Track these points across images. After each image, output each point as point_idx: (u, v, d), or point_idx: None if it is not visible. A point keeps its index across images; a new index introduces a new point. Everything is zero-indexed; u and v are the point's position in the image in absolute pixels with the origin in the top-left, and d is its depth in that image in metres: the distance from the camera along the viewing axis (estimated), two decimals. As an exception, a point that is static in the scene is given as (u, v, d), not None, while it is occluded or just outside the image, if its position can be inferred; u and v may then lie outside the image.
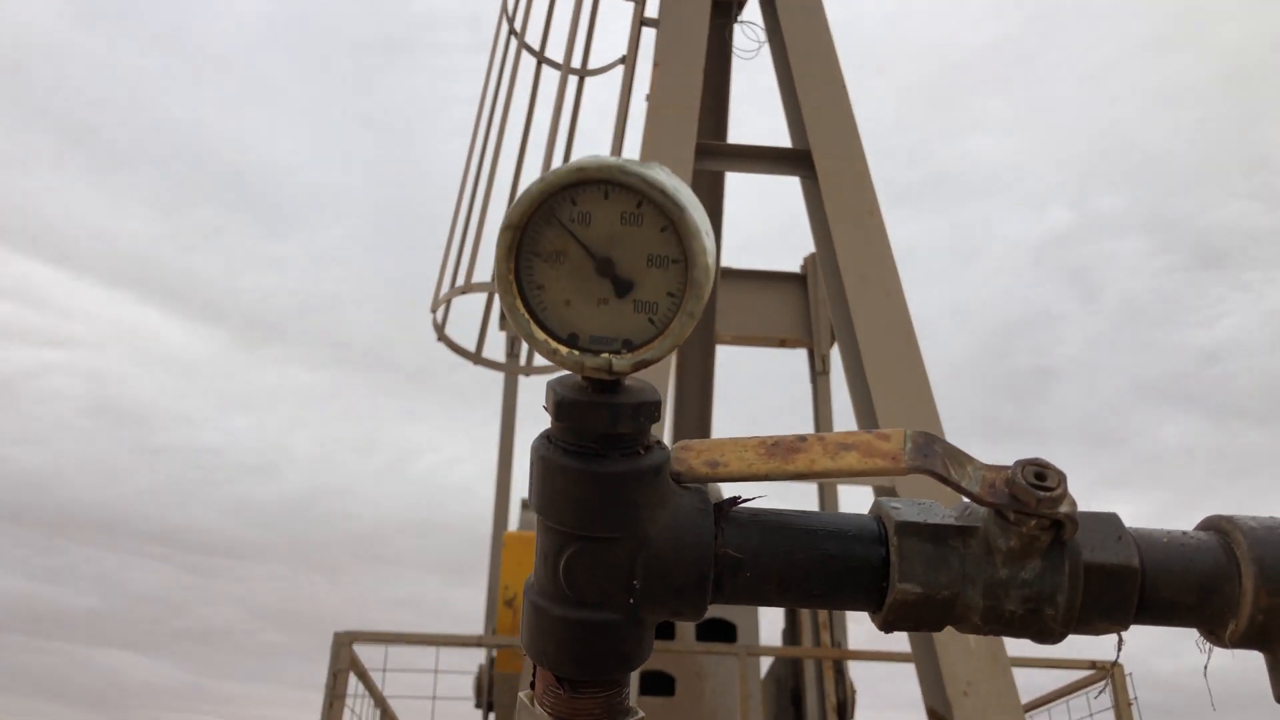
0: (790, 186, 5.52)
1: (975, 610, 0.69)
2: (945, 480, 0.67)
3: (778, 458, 0.69)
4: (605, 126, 6.21)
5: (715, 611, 6.85)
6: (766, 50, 5.95)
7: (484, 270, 5.95)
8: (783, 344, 8.07)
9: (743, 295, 7.84)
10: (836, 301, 5.30)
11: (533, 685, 0.75)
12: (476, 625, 6.88)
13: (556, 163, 5.79)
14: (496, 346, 7.11)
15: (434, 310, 6.22)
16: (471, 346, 6.41)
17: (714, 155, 5.85)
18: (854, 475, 0.67)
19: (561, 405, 0.66)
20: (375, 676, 5.84)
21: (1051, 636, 0.70)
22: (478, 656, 6.27)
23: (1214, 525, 0.73)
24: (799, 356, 8.19)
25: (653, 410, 0.67)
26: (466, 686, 5.98)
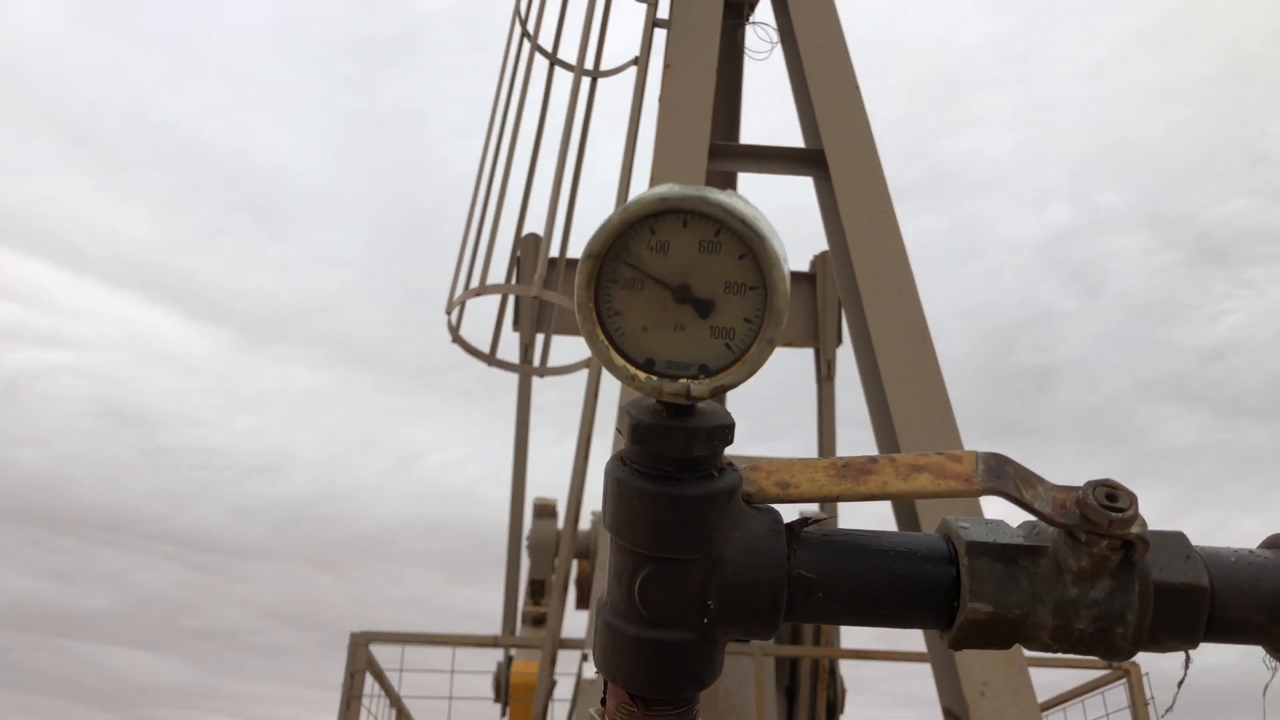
0: (798, 184, 5.52)
1: (1045, 629, 0.70)
2: (1018, 502, 0.68)
3: (849, 479, 0.70)
4: (618, 128, 6.22)
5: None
6: (778, 51, 5.94)
7: (498, 272, 5.96)
8: (788, 345, 8.03)
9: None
10: (850, 302, 5.29)
11: (603, 702, 0.76)
12: (483, 624, 6.89)
13: (569, 164, 5.80)
14: (510, 349, 7.11)
15: (448, 312, 6.22)
16: (484, 346, 6.43)
17: (727, 156, 5.85)
18: (926, 496, 0.68)
19: (637, 429, 0.67)
20: (391, 676, 5.86)
21: (1120, 655, 0.71)
22: (494, 656, 6.29)
23: (1272, 542, 0.73)
24: (804, 356, 8.17)
25: (726, 434, 0.67)
26: (482, 686, 6.01)
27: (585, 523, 7.00)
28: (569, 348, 6.83)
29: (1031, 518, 0.73)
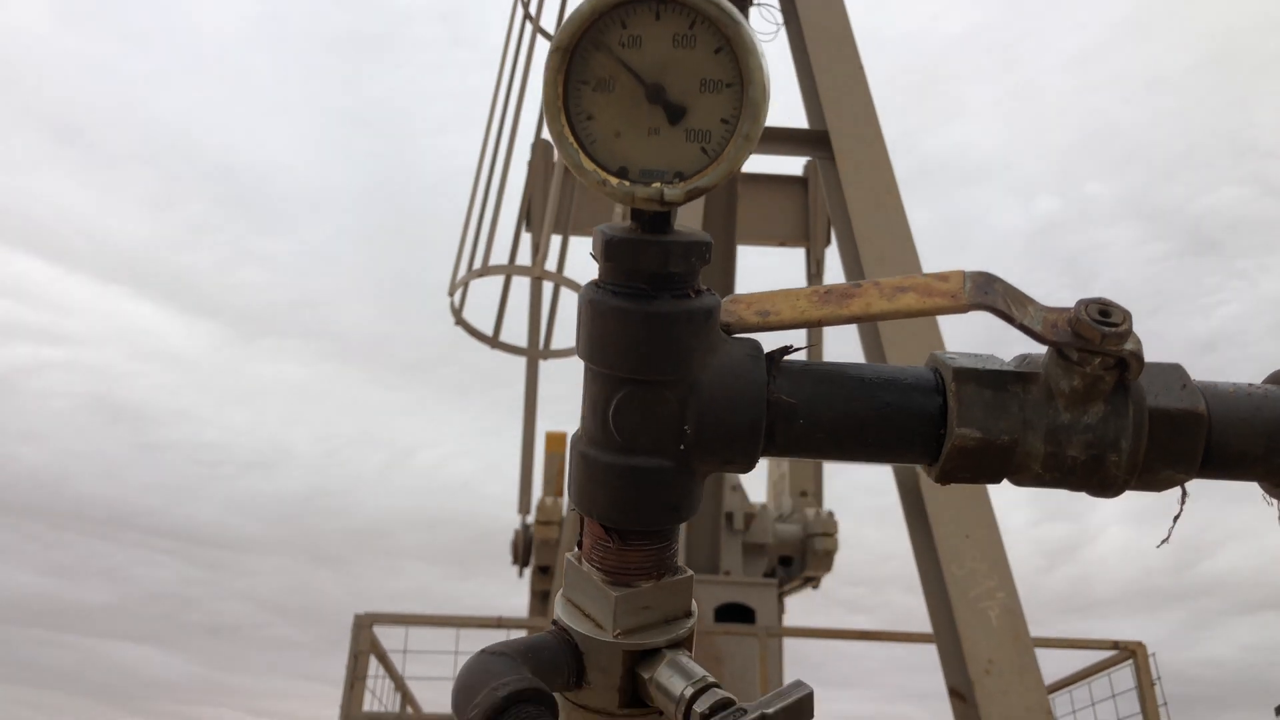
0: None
1: (1036, 458, 0.67)
2: (1007, 318, 0.65)
3: (832, 304, 0.67)
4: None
5: (733, 595, 6.83)
6: (782, 33, 5.92)
7: (501, 253, 5.95)
8: (782, 244, 8.34)
9: (746, 195, 7.95)
10: (855, 280, 5.26)
11: (580, 545, 0.74)
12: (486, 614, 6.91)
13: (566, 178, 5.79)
14: (513, 333, 7.09)
15: (451, 294, 6.21)
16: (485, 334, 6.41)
17: (730, 137, 5.81)
18: (912, 315, 0.65)
19: (611, 244, 0.64)
20: (395, 658, 5.85)
21: (1113, 487, 0.68)
22: (497, 638, 6.26)
23: (1276, 377, 0.71)
24: (795, 256, 8.35)
25: (704, 251, 0.65)
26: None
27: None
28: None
29: (1023, 351, 0.70)
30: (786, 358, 0.69)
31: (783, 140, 5.77)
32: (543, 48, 6.29)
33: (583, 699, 0.72)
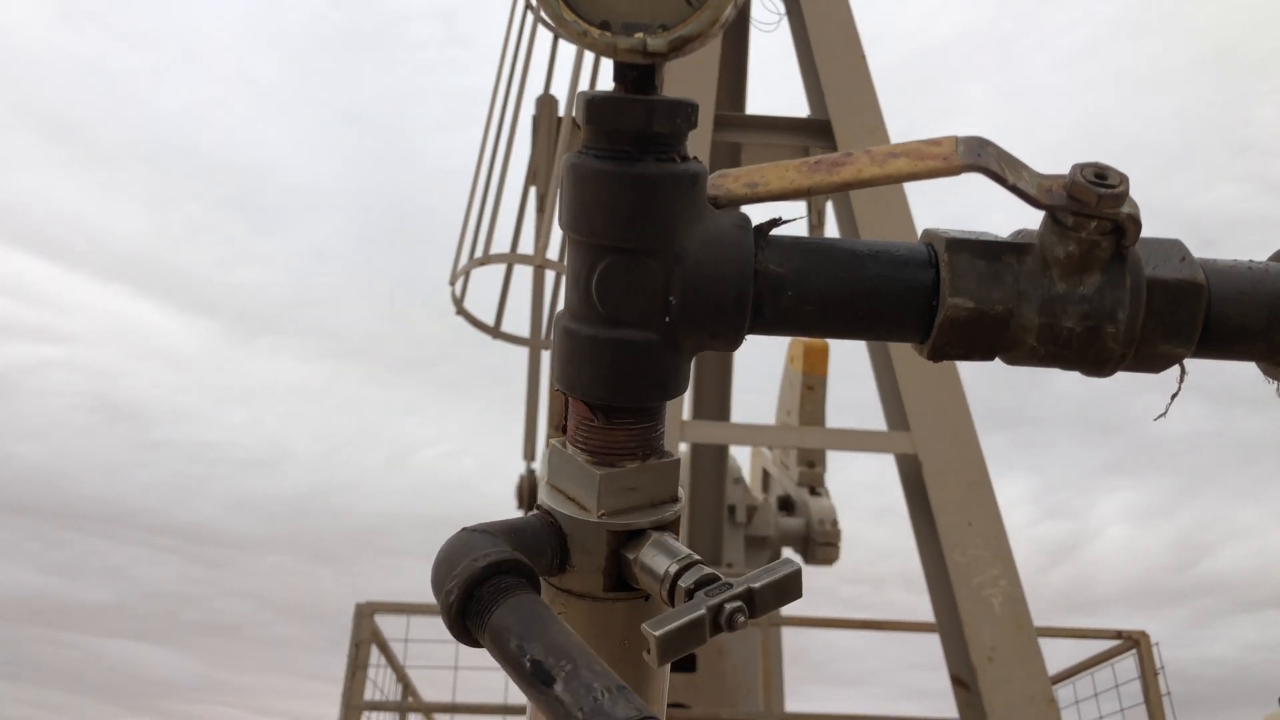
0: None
1: (1031, 330, 0.66)
2: (1000, 180, 0.64)
3: (822, 172, 0.66)
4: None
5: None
6: (784, 23, 5.91)
7: (503, 241, 5.93)
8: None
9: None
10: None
11: (563, 429, 0.72)
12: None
13: (572, 136, 5.78)
14: (515, 323, 7.07)
15: (452, 283, 6.19)
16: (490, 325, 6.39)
17: (732, 126, 5.83)
18: (904, 180, 0.64)
19: (593, 104, 0.63)
20: (397, 647, 5.83)
21: (1109, 363, 0.66)
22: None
23: None
24: (796, 207, 8.23)
25: (689, 113, 0.63)
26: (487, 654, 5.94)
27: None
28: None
29: (1018, 228, 0.69)
30: (775, 231, 0.68)
31: (784, 129, 5.76)
32: (544, 38, 6.29)
33: (566, 583, 0.71)
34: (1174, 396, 0.70)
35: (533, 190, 6.09)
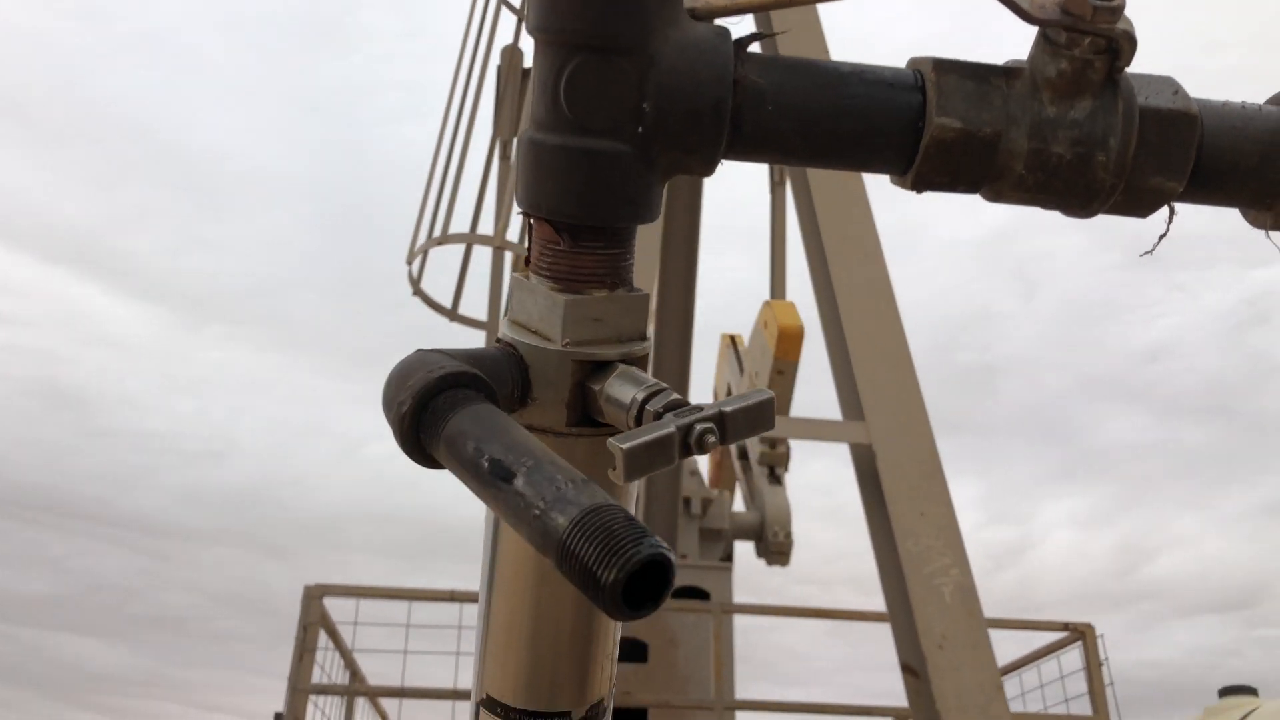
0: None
1: (1019, 157, 0.63)
2: (992, -12, 0.61)
3: (807, -19, 0.62)
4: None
5: (690, 579, 6.78)
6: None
7: (462, 221, 5.86)
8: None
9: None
10: (817, 264, 5.28)
11: (527, 262, 0.68)
12: (439, 613, 6.75)
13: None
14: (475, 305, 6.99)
15: (409, 263, 6.11)
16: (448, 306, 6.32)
17: None
18: (891, -13, 0.61)
19: None
20: (346, 630, 5.74)
21: (1099, 196, 0.64)
22: (450, 612, 6.13)
23: (1277, 99, 0.67)
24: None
25: None
26: (437, 640, 5.87)
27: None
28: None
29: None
30: (755, 46, 0.64)
31: None
32: (507, 20, 6.24)
33: (528, 418, 0.67)
34: (1161, 238, 0.67)
35: (495, 171, 6.01)
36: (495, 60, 6.00)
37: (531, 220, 0.66)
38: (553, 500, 0.51)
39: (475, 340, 7.67)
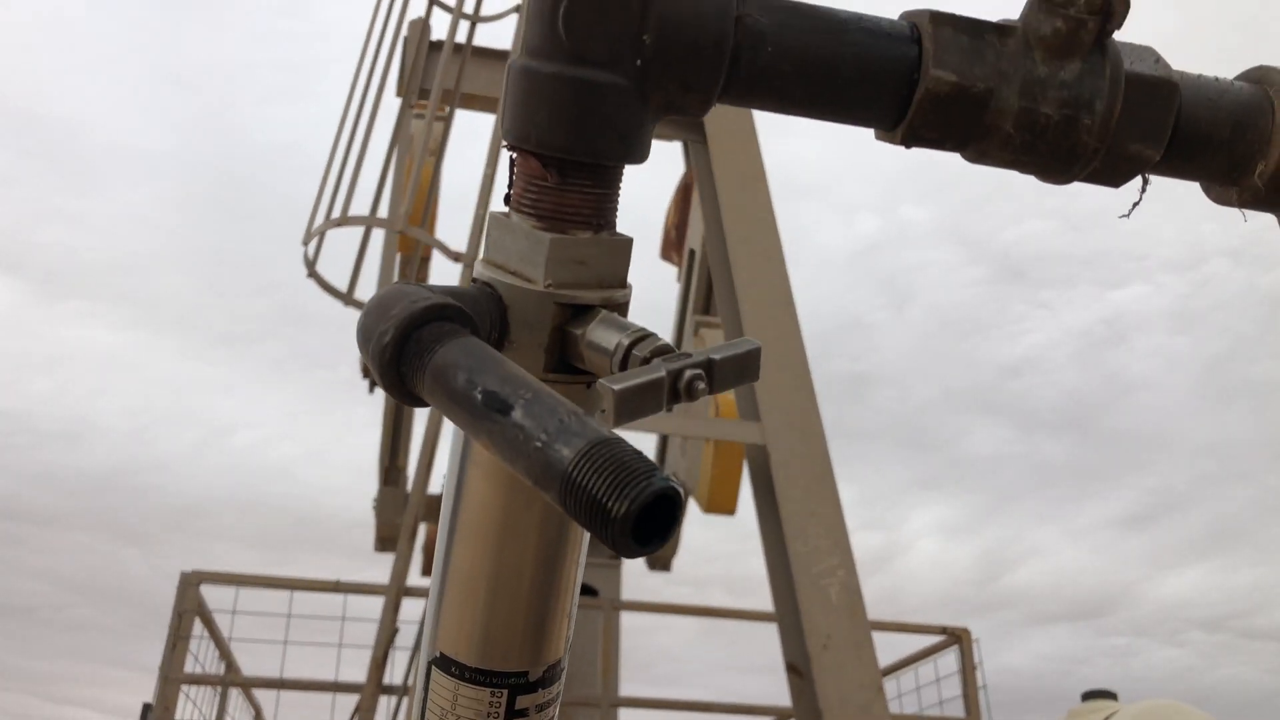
0: None
1: (1009, 115, 0.64)
2: (995, -57, 0.61)
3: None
4: (498, 70, 6.08)
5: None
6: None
7: (362, 203, 5.73)
8: None
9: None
10: (719, 265, 5.34)
11: (507, 200, 0.66)
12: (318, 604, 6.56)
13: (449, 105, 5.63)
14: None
15: (305, 243, 5.95)
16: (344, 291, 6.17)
17: None
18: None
19: None
20: (223, 619, 5.54)
21: (1081, 158, 0.65)
22: (333, 603, 5.96)
23: (1246, 76, 0.69)
24: None
25: None
26: (319, 632, 5.71)
27: (435, 486, 6.83)
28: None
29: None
30: None
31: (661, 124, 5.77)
32: (417, 6, 6.11)
33: None
34: (1135, 205, 0.69)
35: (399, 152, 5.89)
36: (398, 32, 5.88)
37: (515, 155, 0.64)
38: (556, 432, 0.49)
39: (343, 337, 7.49)
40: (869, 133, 0.67)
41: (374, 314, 0.58)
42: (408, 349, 0.56)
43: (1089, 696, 4.65)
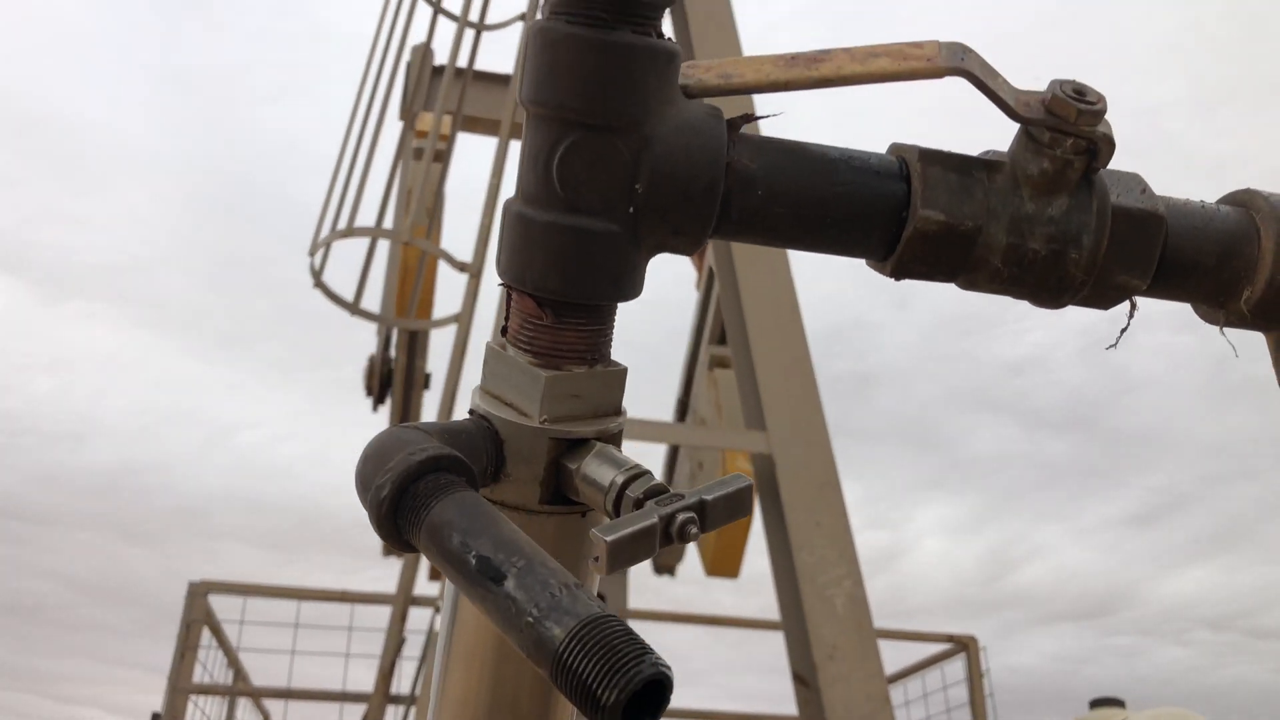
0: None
1: (997, 251, 0.64)
2: (982, 86, 0.62)
3: (800, 67, 0.62)
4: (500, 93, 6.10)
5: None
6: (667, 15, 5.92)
7: (368, 215, 5.75)
8: None
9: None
10: (725, 273, 5.34)
11: (504, 332, 0.67)
12: (326, 613, 6.59)
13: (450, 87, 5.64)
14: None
15: (312, 254, 5.97)
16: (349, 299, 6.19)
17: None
18: (886, 80, 0.61)
19: None
20: (231, 629, 5.58)
21: (1069, 290, 0.66)
22: (340, 612, 6.00)
23: (1232, 199, 0.70)
24: None
25: None
26: (326, 641, 5.74)
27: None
28: (443, 301, 6.66)
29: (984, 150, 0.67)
30: (746, 128, 0.64)
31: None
32: (423, 13, 6.12)
33: (498, 494, 0.66)
34: (1123, 331, 0.69)
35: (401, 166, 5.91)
36: (407, 58, 5.89)
37: (512, 292, 0.65)
38: (548, 608, 0.49)
39: (369, 330, 7.53)
40: (873, 132, 0.68)
41: (372, 462, 0.59)
42: (404, 503, 0.57)
43: (1097, 704, 4.65)
